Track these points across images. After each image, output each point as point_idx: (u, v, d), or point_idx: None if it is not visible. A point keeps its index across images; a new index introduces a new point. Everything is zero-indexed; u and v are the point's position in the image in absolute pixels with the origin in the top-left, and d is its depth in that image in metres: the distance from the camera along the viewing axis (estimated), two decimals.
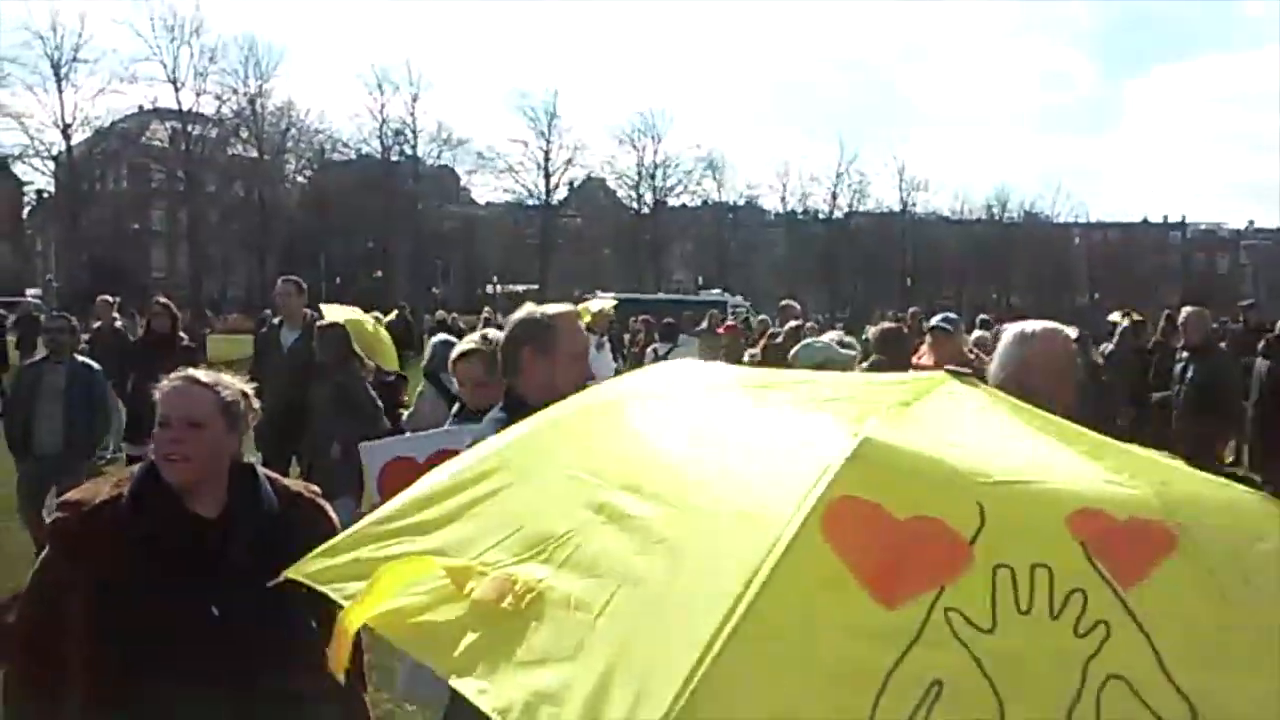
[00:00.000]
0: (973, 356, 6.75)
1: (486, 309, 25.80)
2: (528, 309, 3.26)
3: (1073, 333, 3.62)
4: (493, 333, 4.51)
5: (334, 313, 8.23)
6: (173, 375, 2.79)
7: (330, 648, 1.64)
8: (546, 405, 2.82)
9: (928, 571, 1.41)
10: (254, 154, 56.21)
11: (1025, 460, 1.61)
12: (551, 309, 3.27)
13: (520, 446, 1.95)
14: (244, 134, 56.41)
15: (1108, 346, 11.04)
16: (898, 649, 1.34)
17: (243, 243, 57.37)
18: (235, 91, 54.36)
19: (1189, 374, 9.13)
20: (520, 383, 3.20)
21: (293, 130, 58.87)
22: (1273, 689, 1.42)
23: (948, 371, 1.86)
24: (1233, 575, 1.50)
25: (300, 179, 62.90)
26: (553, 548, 1.58)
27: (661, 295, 37.48)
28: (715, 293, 37.61)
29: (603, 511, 1.60)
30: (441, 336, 8.67)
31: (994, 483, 1.50)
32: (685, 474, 1.62)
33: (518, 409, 2.94)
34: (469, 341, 4.61)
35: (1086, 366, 8.10)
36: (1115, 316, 12.51)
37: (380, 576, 1.60)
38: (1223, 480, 1.76)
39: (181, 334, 11.09)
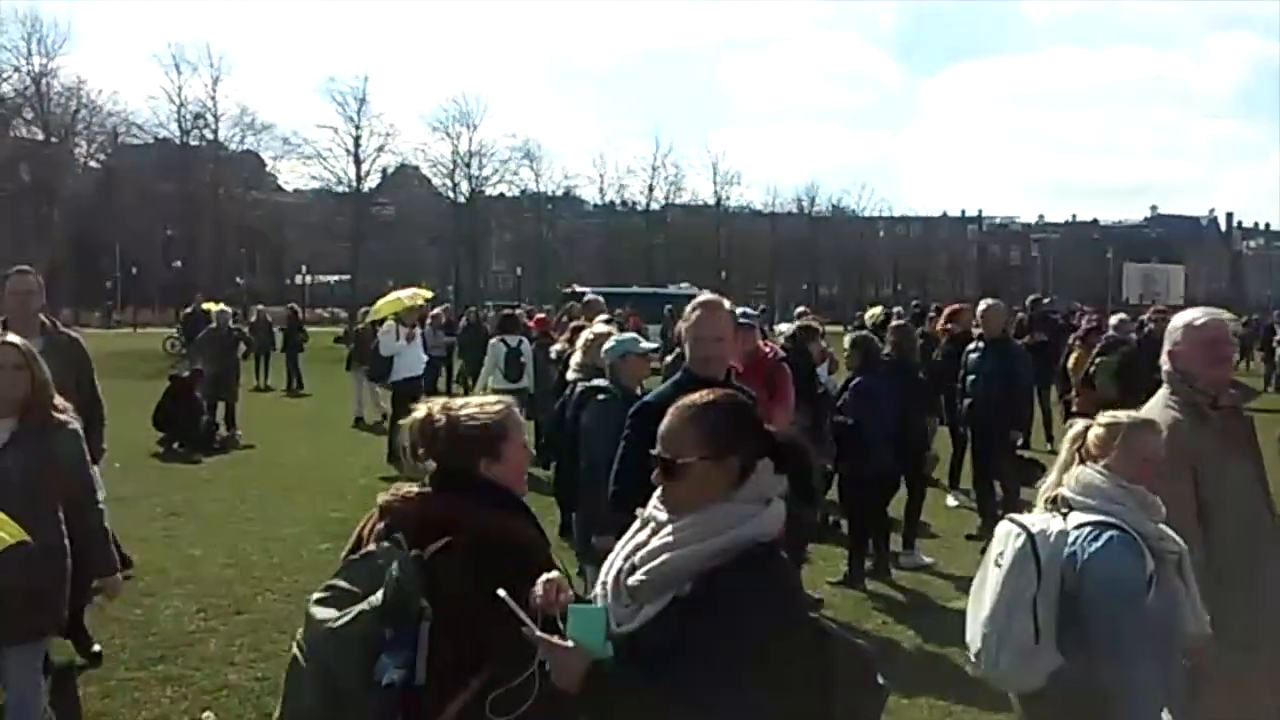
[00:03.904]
0: (768, 350, 6.75)
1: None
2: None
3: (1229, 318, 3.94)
4: None
5: None
6: None
7: None
8: (705, 374, 3.88)
9: None
10: (40, 136, 52.82)
11: None
12: (702, 298, 4.23)
13: None
14: (28, 115, 52.96)
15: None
16: None
17: (28, 232, 53.80)
18: (17, 69, 51.06)
19: (985, 365, 9.32)
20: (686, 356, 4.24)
21: (83, 112, 55.58)
22: None
23: None
24: None
25: (92, 164, 59.48)
26: None
27: (635, 289, 39.37)
28: (684, 286, 38.83)
29: None
30: None
31: None
32: None
33: (687, 375, 4.01)
34: None
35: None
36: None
37: None
38: None
39: None
